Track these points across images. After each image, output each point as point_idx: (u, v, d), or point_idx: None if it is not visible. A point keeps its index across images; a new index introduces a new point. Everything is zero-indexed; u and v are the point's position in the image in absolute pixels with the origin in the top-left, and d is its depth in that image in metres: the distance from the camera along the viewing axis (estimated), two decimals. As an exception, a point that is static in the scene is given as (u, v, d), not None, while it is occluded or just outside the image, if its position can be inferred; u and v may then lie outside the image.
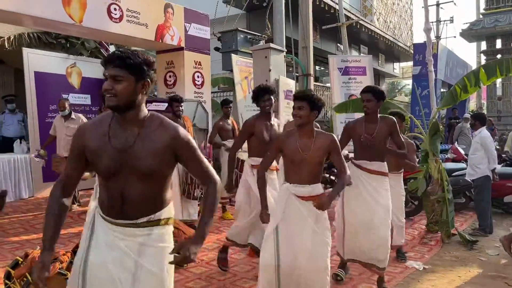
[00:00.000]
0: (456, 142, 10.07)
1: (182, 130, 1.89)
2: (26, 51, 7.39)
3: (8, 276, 3.18)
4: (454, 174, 6.72)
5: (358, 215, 3.81)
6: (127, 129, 1.82)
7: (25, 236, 5.23)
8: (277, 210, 3.07)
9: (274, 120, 4.07)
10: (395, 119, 3.98)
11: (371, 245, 3.79)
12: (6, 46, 7.68)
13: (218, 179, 2.03)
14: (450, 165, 7.11)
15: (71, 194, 1.93)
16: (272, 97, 3.95)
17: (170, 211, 1.95)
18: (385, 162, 3.90)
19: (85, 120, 6.19)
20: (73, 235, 5.23)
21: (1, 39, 7.68)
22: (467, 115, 11.05)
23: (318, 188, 3.03)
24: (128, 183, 1.81)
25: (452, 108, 12.82)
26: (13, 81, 9.80)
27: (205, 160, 2.02)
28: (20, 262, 3.19)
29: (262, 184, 3.20)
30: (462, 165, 7.28)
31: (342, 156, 3.09)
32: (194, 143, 1.95)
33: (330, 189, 3.29)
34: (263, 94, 3.90)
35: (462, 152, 8.29)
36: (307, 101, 2.92)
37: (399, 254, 4.70)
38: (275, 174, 4.08)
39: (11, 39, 7.78)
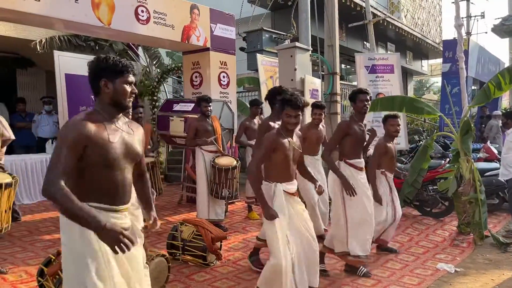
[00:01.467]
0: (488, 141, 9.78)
1: None
2: (57, 54, 7.57)
3: (41, 274, 3.26)
4: (486, 174, 6.52)
5: (359, 211, 3.95)
6: (119, 123, 2.14)
7: (57, 234, 5.36)
8: (282, 214, 3.12)
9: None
10: None
11: (369, 236, 4.05)
12: (38, 49, 7.89)
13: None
14: (482, 165, 6.89)
15: None
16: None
17: None
18: None
19: None
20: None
21: (33, 43, 7.90)
22: (498, 112, 10.71)
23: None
24: (127, 170, 2.15)
25: (482, 106, 12.45)
26: (45, 83, 10.08)
27: None
28: (52, 260, 3.26)
29: (259, 184, 3.20)
30: (495, 164, 7.05)
31: None
32: None
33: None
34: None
35: (495, 151, 8.04)
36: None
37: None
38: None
39: (43, 42, 7.99)
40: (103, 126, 2.05)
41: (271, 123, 4.09)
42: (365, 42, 15.83)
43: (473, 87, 14.37)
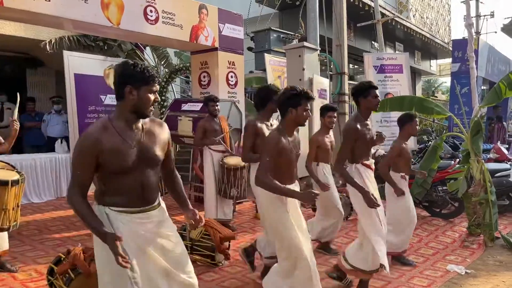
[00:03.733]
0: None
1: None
2: (66, 54, 7.63)
3: (51, 272, 3.28)
4: (497, 175, 6.45)
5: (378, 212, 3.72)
6: (137, 128, 2.17)
7: (67, 233, 5.40)
8: (292, 216, 3.05)
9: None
10: None
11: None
12: (48, 49, 7.95)
13: None
14: (493, 166, 6.82)
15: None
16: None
17: None
18: None
19: None
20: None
21: (43, 43, 7.96)
22: None
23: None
24: (148, 173, 2.19)
25: (495, 106, 12.33)
26: (55, 82, 10.15)
27: None
28: (62, 258, 3.28)
29: (274, 183, 2.99)
30: (506, 165, 6.98)
31: None
32: None
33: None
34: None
35: (506, 151, 7.96)
36: None
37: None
38: None
39: (52, 42, 8.05)
40: (117, 134, 2.10)
41: (259, 124, 3.92)
42: (373, 42, 15.78)
43: (482, 87, 14.24)
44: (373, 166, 3.85)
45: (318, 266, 3.09)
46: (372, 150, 4.67)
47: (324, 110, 4.89)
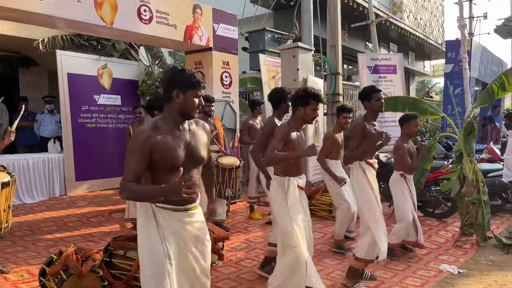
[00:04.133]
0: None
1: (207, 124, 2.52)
2: (59, 53, 7.58)
3: (43, 273, 3.25)
4: (489, 175, 6.49)
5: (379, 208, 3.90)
6: (184, 129, 2.31)
7: (59, 234, 5.37)
8: (297, 207, 3.25)
9: None
10: None
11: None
12: (40, 49, 7.88)
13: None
14: (485, 166, 6.87)
15: None
16: None
17: None
18: None
19: None
20: (105, 234, 5.33)
21: (36, 42, 7.90)
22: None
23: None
24: (192, 172, 2.32)
25: (494, 106, 12.43)
26: (47, 82, 10.07)
27: None
28: (54, 259, 3.26)
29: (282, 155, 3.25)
30: (498, 165, 7.03)
31: None
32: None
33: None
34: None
35: (498, 152, 8.01)
36: None
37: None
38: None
39: (45, 41, 7.98)
40: (167, 133, 2.24)
41: (277, 121, 4.14)
42: (367, 43, 15.82)
43: (475, 88, 14.32)
44: (375, 166, 4.00)
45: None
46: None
47: (340, 110, 5.13)
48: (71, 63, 7.68)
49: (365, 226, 3.87)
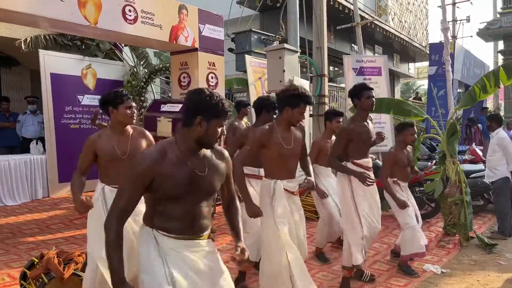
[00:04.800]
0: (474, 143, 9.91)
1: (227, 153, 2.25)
2: (42, 53, 7.47)
3: (24, 277, 3.19)
4: (472, 176, 6.59)
5: (368, 208, 3.84)
6: (197, 158, 2.07)
7: (41, 236, 5.28)
8: (283, 211, 3.12)
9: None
10: None
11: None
12: (23, 48, 7.76)
13: None
14: (468, 167, 6.97)
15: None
16: None
17: None
18: None
19: None
20: (88, 236, 5.25)
21: (18, 41, 7.77)
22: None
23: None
24: (201, 203, 2.10)
25: (482, 108, 12.66)
26: (30, 82, 9.93)
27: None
28: (35, 262, 3.20)
29: (243, 179, 3.20)
30: (480, 166, 7.14)
31: None
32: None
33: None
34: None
35: (480, 153, 8.14)
36: None
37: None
38: None
39: (28, 41, 7.86)
40: (176, 161, 2.01)
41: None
42: (353, 45, 15.93)
43: (458, 90, 14.55)
44: (368, 165, 3.89)
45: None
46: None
47: (331, 115, 4.85)
48: (54, 63, 7.57)
49: (345, 233, 3.87)
